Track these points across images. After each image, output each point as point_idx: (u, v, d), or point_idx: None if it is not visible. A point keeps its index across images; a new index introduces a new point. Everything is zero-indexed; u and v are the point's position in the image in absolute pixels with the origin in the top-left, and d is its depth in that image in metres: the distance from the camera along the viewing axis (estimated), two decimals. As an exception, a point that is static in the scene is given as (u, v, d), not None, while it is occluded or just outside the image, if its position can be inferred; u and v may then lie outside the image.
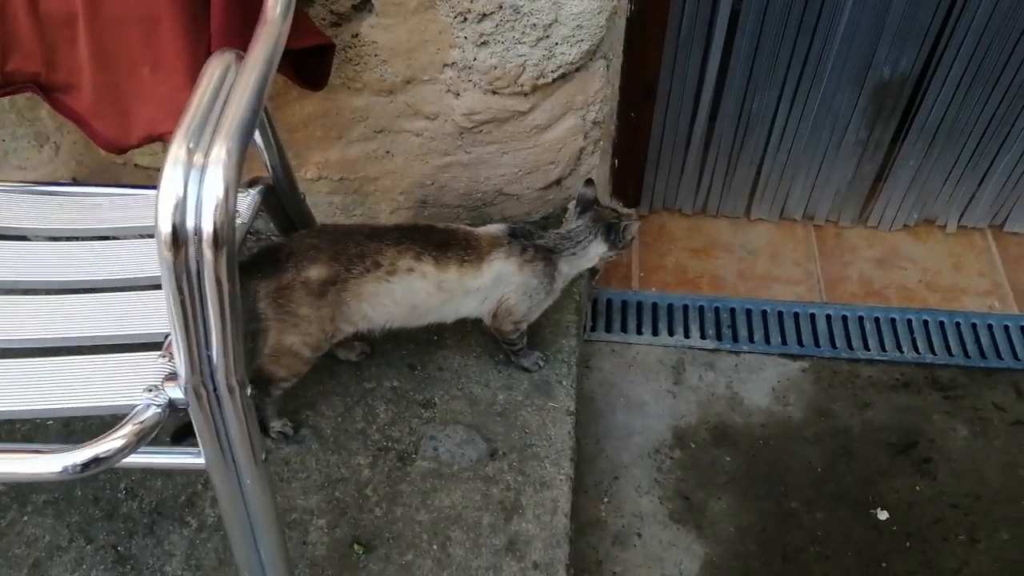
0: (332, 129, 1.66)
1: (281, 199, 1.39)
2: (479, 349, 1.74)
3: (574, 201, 1.62)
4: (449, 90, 1.56)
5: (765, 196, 2.10)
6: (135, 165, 1.77)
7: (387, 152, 1.70)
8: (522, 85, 1.54)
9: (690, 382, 1.89)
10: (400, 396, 1.67)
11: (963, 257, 2.11)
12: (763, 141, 1.96)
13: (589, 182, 1.61)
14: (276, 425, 1.59)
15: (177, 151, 0.79)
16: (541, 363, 1.71)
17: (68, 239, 1.27)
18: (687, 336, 1.96)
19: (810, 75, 1.81)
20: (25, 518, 1.49)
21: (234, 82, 0.87)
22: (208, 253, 0.80)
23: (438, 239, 1.47)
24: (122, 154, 1.32)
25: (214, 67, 0.89)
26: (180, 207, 0.79)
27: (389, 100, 1.59)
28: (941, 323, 1.97)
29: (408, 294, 1.47)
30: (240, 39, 1.01)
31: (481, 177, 1.74)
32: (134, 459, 0.96)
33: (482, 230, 1.55)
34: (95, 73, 1.23)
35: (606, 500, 1.71)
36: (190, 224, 0.79)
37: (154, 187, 0.80)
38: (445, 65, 1.52)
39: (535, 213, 1.85)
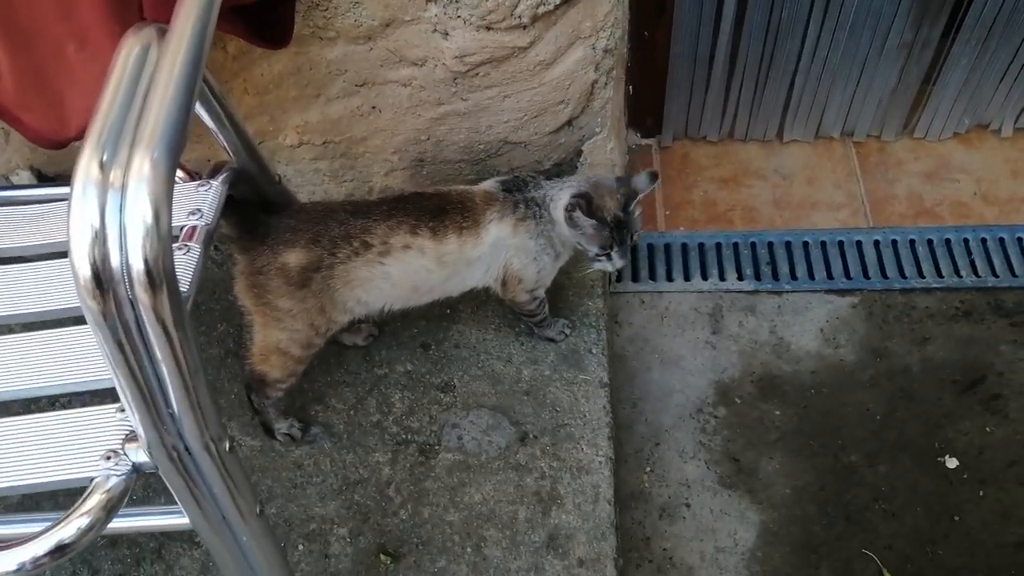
0: (308, 87, 1.50)
1: (253, 184, 1.19)
2: (497, 320, 1.61)
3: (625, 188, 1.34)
4: (436, 30, 1.41)
5: (799, 114, 1.96)
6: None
7: (373, 108, 1.55)
8: (520, 16, 1.38)
9: (730, 330, 1.76)
10: (416, 381, 1.55)
11: (1022, 163, 1.95)
12: (795, 53, 1.81)
13: (653, 176, 1.36)
14: (282, 427, 1.47)
15: (87, 169, 0.61)
16: (567, 331, 1.58)
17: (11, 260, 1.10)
18: (723, 278, 1.83)
19: (846, -28, 1.65)
20: (21, 548, 1.39)
21: (156, 67, 0.67)
22: (144, 296, 0.62)
23: (432, 206, 1.32)
24: (61, 148, 1.14)
25: (128, 49, 0.69)
26: (99, 241, 0.60)
27: (368, 48, 1.44)
28: (1002, 240, 1.84)
29: (407, 275, 1.33)
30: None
31: (482, 126, 1.60)
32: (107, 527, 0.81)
33: (477, 188, 1.40)
34: (11, 56, 1.05)
35: (648, 469, 1.60)
36: (115, 261, 0.61)
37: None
38: (428, 1, 1.36)
39: (546, 160, 1.69)
